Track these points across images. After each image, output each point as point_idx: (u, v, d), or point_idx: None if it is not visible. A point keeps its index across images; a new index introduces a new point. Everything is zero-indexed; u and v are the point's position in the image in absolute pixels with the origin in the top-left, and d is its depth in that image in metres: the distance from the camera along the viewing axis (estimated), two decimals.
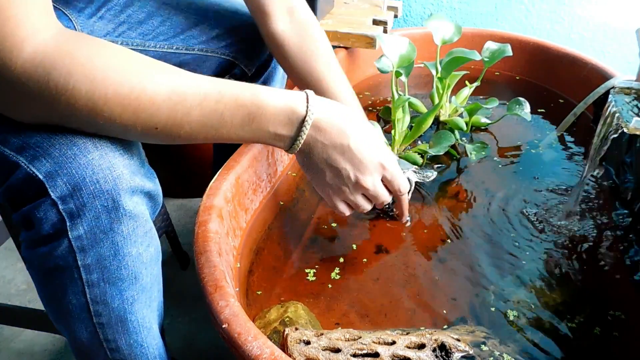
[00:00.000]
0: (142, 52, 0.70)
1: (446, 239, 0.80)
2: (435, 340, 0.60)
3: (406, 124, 0.96)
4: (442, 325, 0.66)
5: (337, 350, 0.57)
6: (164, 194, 0.63)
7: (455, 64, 0.99)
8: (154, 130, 0.49)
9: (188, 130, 0.50)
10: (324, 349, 0.57)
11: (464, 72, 1.03)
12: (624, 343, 0.65)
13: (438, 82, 1.04)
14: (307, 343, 0.58)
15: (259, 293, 0.72)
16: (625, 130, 0.70)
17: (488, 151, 1.00)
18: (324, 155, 0.59)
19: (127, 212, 0.50)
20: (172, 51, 0.77)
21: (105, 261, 0.51)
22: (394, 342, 0.59)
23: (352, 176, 0.60)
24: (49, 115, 0.46)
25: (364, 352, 0.58)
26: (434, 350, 0.60)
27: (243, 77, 0.87)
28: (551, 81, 1.23)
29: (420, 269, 0.75)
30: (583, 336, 0.65)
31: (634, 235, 0.80)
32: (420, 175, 0.75)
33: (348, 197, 0.63)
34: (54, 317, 0.56)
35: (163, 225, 1.03)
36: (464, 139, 1.04)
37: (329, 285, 0.73)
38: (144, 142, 0.52)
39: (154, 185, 0.54)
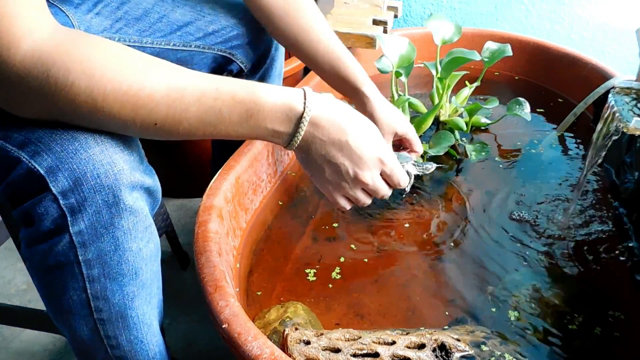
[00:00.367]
0: (139, 48, 0.70)
1: (446, 239, 0.80)
2: (435, 340, 0.60)
3: None
4: (442, 325, 0.66)
5: (337, 350, 0.57)
6: (164, 194, 0.63)
7: (455, 64, 0.99)
8: (153, 126, 0.49)
9: (187, 126, 0.50)
10: (324, 349, 0.57)
11: (464, 72, 1.03)
12: (624, 343, 0.65)
13: (438, 82, 1.04)
14: (307, 343, 0.58)
15: (259, 293, 0.72)
16: (625, 131, 0.70)
17: (488, 151, 1.00)
18: (322, 152, 0.59)
19: (128, 207, 0.50)
20: (169, 47, 0.77)
21: (106, 256, 0.51)
22: (394, 342, 0.59)
23: (351, 172, 0.60)
24: (49, 112, 0.46)
25: (364, 352, 0.58)
26: (434, 350, 0.60)
27: (240, 73, 0.87)
28: (551, 81, 1.23)
29: (421, 269, 0.75)
30: (583, 336, 0.65)
31: (634, 235, 0.80)
32: (419, 168, 0.75)
33: (348, 192, 0.63)
34: (55, 315, 0.56)
35: (163, 225, 1.03)
36: (464, 139, 1.04)
37: (329, 285, 0.73)
38: (144, 137, 0.52)
39: (154, 181, 0.54)
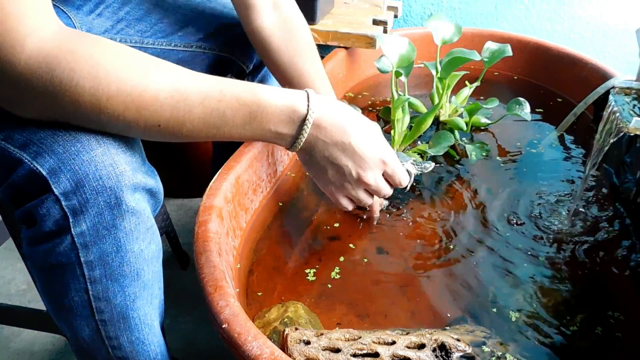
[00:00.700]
0: (140, 49, 0.70)
1: (446, 240, 0.80)
2: (435, 340, 0.60)
3: (406, 124, 0.96)
4: (442, 325, 0.66)
5: (337, 350, 0.57)
6: (164, 194, 0.63)
7: (455, 64, 0.99)
8: (156, 128, 0.49)
9: (190, 127, 0.51)
10: (324, 349, 0.57)
11: (463, 72, 1.03)
12: (625, 343, 0.65)
13: (438, 82, 1.04)
14: (307, 343, 0.58)
15: (259, 294, 0.72)
16: (625, 131, 0.70)
17: (488, 151, 1.00)
18: (325, 153, 0.59)
19: (130, 209, 0.50)
20: (170, 48, 0.77)
21: (107, 257, 0.51)
22: (394, 342, 0.59)
23: (354, 173, 0.61)
24: (53, 112, 0.46)
25: (364, 352, 0.58)
26: (434, 350, 0.60)
27: (241, 73, 0.87)
28: (551, 81, 1.23)
29: (420, 269, 0.75)
30: (584, 336, 0.65)
31: (635, 235, 0.80)
32: (418, 167, 0.76)
33: (350, 193, 0.63)
34: (56, 315, 0.56)
35: (163, 225, 1.03)
36: (464, 139, 1.04)
37: (328, 285, 0.73)
38: (147, 139, 0.52)
39: (155, 182, 0.54)
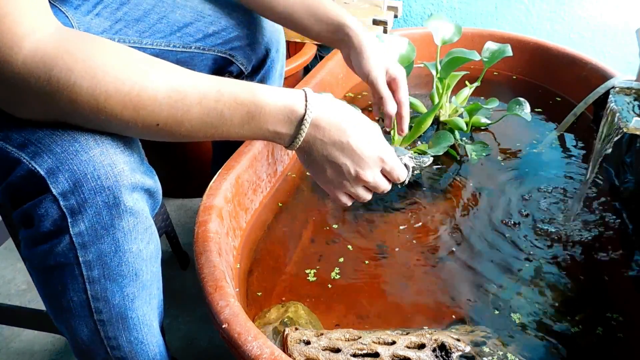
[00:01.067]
0: (138, 49, 0.70)
1: (446, 240, 0.80)
2: (435, 340, 0.60)
3: None
4: (442, 325, 0.66)
5: (337, 350, 0.57)
6: (164, 194, 0.63)
7: (454, 64, 0.99)
8: (154, 127, 0.49)
9: (188, 127, 0.51)
10: (324, 349, 0.57)
11: (463, 72, 1.03)
12: (625, 343, 0.65)
13: (438, 82, 1.04)
14: (307, 343, 0.58)
15: (259, 293, 0.72)
16: (625, 130, 0.70)
17: (488, 151, 1.00)
18: (324, 152, 0.59)
19: (128, 209, 0.50)
20: (169, 49, 0.76)
21: (106, 257, 0.51)
22: (394, 342, 0.59)
23: (353, 171, 0.61)
24: (51, 112, 0.46)
25: (364, 352, 0.58)
26: (434, 350, 0.60)
27: (240, 74, 0.87)
28: (551, 81, 1.23)
29: (420, 269, 0.75)
30: (584, 336, 0.65)
31: (634, 236, 0.80)
32: (416, 161, 0.76)
33: (349, 190, 0.64)
34: (55, 316, 0.56)
35: (163, 225, 1.03)
36: (464, 139, 1.04)
37: (328, 286, 0.73)
38: (145, 139, 0.52)
39: (154, 182, 0.54)
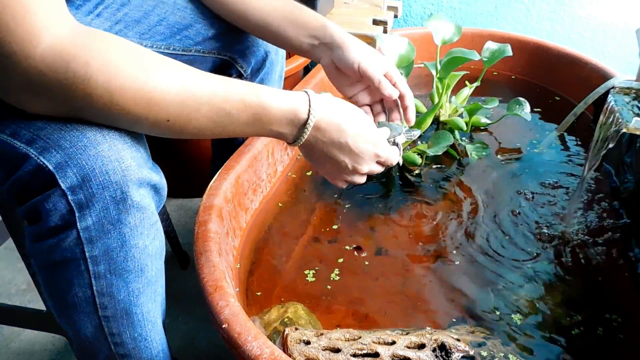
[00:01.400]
0: None
1: (446, 239, 0.80)
2: (435, 340, 0.60)
3: None
4: (442, 325, 0.66)
5: (337, 350, 0.58)
6: None
7: (454, 64, 0.99)
8: (164, 123, 0.50)
9: (196, 125, 0.52)
10: (324, 349, 0.57)
11: (463, 72, 1.03)
12: (626, 344, 0.65)
13: (438, 82, 1.04)
14: (307, 343, 0.58)
15: (258, 294, 0.72)
16: (625, 130, 0.70)
17: (488, 151, 1.00)
18: (324, 150, 0.63)
19: (135, 204, 0.50)
20: (169, 52, 0.77)
21: (112, 252, 0.51)
22: (394, 342, 0.59)
23: (350, 166, 0.66)
24: (64, 106, 0.47)
25: (364, 352, 0.58)
26: (434, 350, 0.60)
27: (239, 77, 0.87)
28: (551, 81, 1.23)
29: (420, 269, 0.75)
30: (584, 337, 0.65)
31: (634, 236, 0.80)
32: (407, 135, 0.80)
33: (346, 179, 0.69)
34: (58, 312, 0.56)
35: (163, 225, 1.02)
36: (464, 139, 1.04)
37: (328, 286, 0.73)
38: (153, 134, 0.52)
39: (160, 178, 0.55)
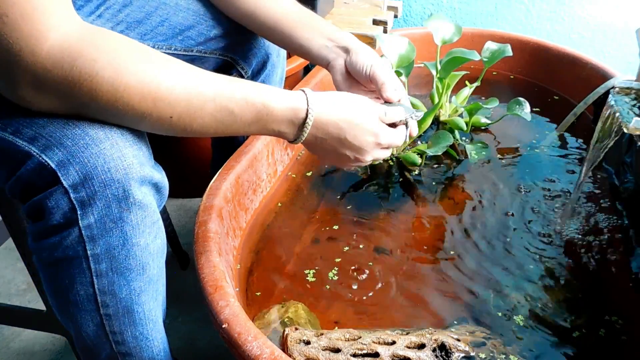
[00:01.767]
0: None
1: (446, 240, 0.80)
2: (435, 340, 0.60)
3: None
4: (442, 325, 0.66)
5: (337, 350, 0.58)
6: None
7: (454, 64, 0.99)
8: (168, 120, 0.50)
9: (200, 122, 0.52)
10: (324, 349, 0.57)
11: (463, 72, 1.03)
12: (627, 345, 0.65)
13: (438, 82, 1.04)
14: (307, 343, 0.58)
15: (258, 294, 0.72)
16: (625, 130, 0.70)
17: (488, 151, 1.00)
18: (325, 146, 0.64)
19: (137, 202, 0.50)
20: (171, 52, 0.77)
21: (114, 250, 0.51)
22: (394, 342, 0.59)
23: (352, 158, 0.66)
24: (68, 103, 0.47)
25: (364, 352, 0.58)
26: (434, 350, 0.60)
27: (240, 78, 0.87)
28: (551, 81, 1.23)
29: (420, 269, 0.75)
30: (585, 338, 0.65)
31: (634, 236, 0.80)
32: (414, 115, 0.77)
33: (351, 166, 0.70)
34: (60, 310, 0.56)
35: (164, 225, 1.03)
36: (464, 139, 1.04)
37: (328, 286, 0.73)
38: (156, 132, 0.53)
39: (162, 177, 0.55)
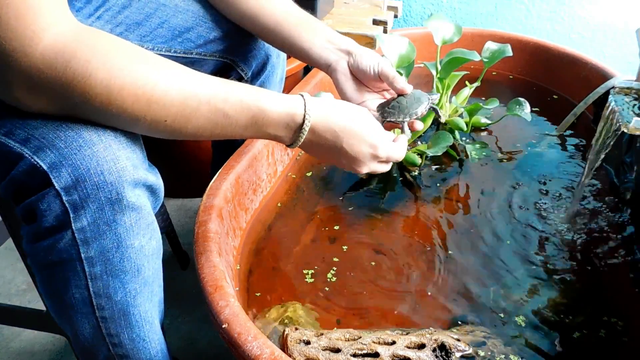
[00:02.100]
0: None
1: (446, 240, 0.80)
2: (435, 340, 0.60)
3: None
4: (442, 325, 0.66)
5: (337, 350, 0.58)
6: (164, 194, 0.63)
7: (454, 64, 0.99)
8: (162, 123, 0.50)
9: (195, 125, 0.52)
10: (324, 349, 0.58)
11: (463, 73, 1.03)
12: (627, 345, 0.65)
13: (438, 82, 1.04)
14: (307, 343, 0.58)
15: (258, 294, 0.72)
16: (625, 130, 0.70)
17: (488, 151, 1.00)
18: (321, 152, 0.64)
19: (130, 204, 0.50)
20: (170, 54, 0.77)
21: (108, 253, 0.51)
22: (394, 342, 0.59)
23: (348, 167, 0.66)
24: (62, 104, 0.47)
25: (364, 352, 0.58)
26: (434, 350, 0.60)
27: (239, 80, 0.87)
28: (551, 81, 1.23)
29: (420, 269, 0.75)
30: (585, 338, 0.65)
31: (635, 236, 0.80)
32: (432, 99, 0.77)
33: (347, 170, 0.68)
34: (56, 313, 0.56)
35: (163, 225, 1.03)
36: (464, 139, 1.04)
37: (328, 287, 0.73)
38: (150, 134, 0.52)
39: (156, 179, 0.55)
